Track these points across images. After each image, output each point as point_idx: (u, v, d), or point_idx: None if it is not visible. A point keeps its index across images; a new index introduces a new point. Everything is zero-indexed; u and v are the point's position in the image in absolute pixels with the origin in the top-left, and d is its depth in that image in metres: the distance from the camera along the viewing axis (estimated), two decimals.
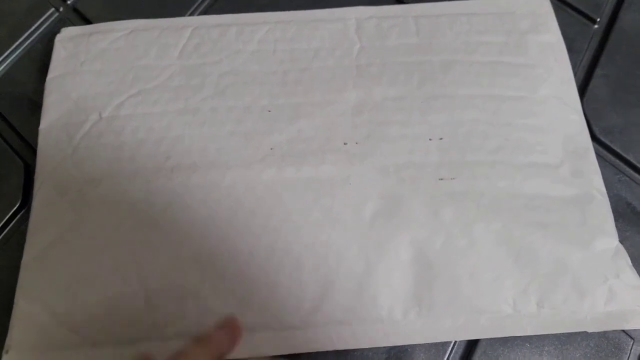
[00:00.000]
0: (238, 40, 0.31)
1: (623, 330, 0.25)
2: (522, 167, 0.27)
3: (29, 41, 0.33)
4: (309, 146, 0.27)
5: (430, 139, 0.27)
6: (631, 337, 0.25)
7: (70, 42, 0.31)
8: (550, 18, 0.32)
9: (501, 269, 0.25)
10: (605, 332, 0.25)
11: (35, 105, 0.30)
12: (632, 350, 0.25)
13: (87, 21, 0.33)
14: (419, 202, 0.26)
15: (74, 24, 0.33)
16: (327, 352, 0.24)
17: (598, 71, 0.31)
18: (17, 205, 0.28)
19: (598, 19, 0.33)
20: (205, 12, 0.34)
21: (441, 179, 0.26)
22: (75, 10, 0.34)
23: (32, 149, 0.29)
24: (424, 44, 0.30)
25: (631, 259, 0.25)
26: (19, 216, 0.28)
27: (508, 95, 0.29)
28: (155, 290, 0.25)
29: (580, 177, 0.27)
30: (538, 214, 0.26)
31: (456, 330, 0.24)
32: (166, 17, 0.32)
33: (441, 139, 0.27)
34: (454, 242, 0.25)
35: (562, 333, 0.25)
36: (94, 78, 0.30)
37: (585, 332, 0.24)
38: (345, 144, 0.27)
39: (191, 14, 0.33)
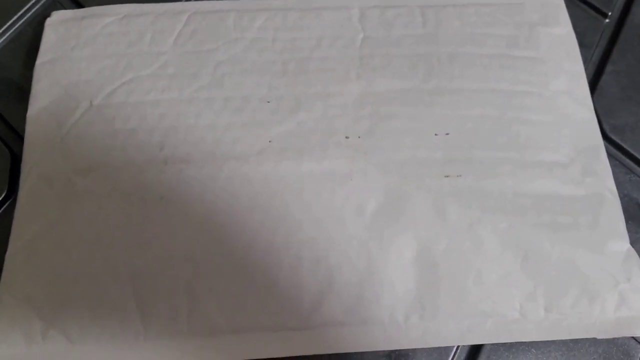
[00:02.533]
0: (236, 28, 0.29)
1: (633, 337, 0.24)
2: (530, 165, 0.26)
3: (18, 24, 0.31)
4: (309, 139, 0.26)
5: (436, 134, 0.26)
6: None
7: (61, 26, 0.30)
8: (561, 10, 0.30)
9: (508, 271, 0.24)
10: (614, 339, 0.24)
11: (23, 91, 0.29)
12: None
13: (79, 5, 0.32)
14: (424, 200, 0.25)
15: (65, 7, 0.32)
16: (324, 355, 0.23)
17: (609, 67, 0.30)
18: (3, 196, 0.27)
19: (609, 13, 0.32)
20: None
21: (447, 176, 0.25)
22: None
23: (20, 137, 0.28)
24: (430, 35, 0.29)
25: None
26: (4, 207, 0.27)
27: (517, 90, 0.28)
28: (146, 288, 0.23)
29: (591, 176, 0.26)
30: (547, 214, 0.25)
31: (460, 335, 0.23)
32: (162, 1, 0.31)
33: (447, 134, 0.26)
34: (459, 243, 0.24)
35: (570, 339, 0.24)
36: (85, 64, 0.28)
37: (594, 338, 0.24)
38: (347, 137, 0.26)
39: None
